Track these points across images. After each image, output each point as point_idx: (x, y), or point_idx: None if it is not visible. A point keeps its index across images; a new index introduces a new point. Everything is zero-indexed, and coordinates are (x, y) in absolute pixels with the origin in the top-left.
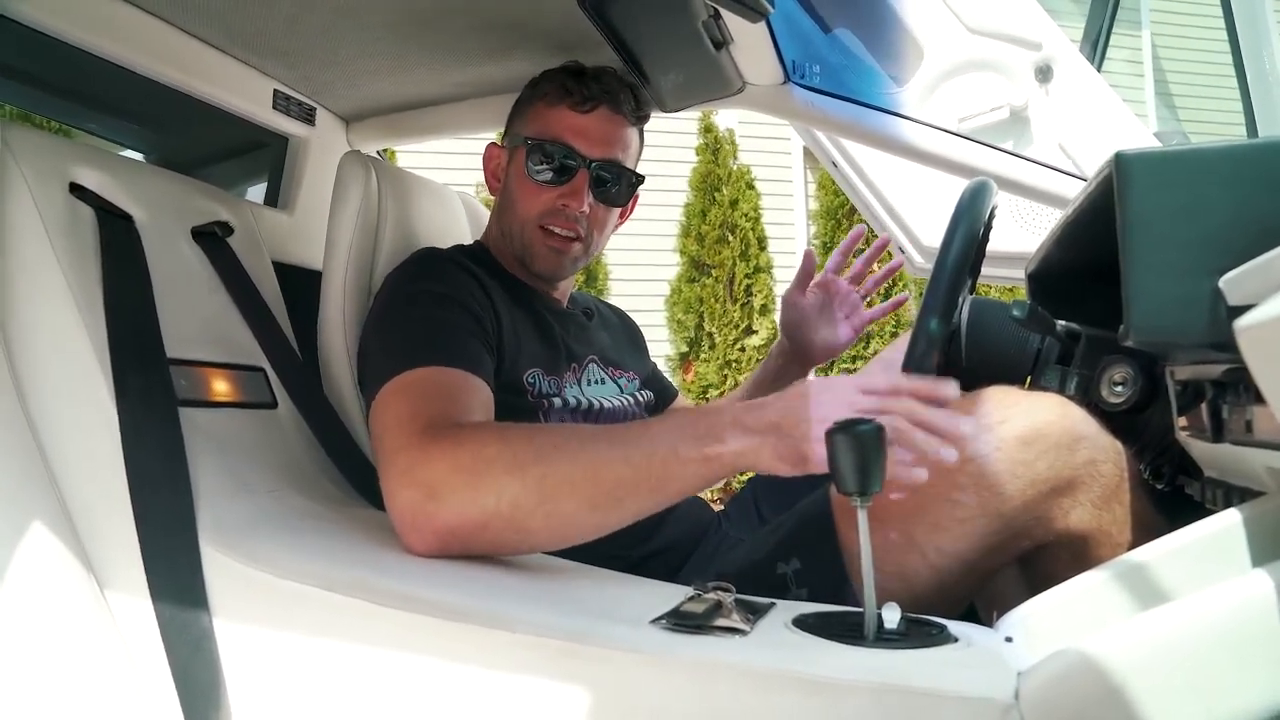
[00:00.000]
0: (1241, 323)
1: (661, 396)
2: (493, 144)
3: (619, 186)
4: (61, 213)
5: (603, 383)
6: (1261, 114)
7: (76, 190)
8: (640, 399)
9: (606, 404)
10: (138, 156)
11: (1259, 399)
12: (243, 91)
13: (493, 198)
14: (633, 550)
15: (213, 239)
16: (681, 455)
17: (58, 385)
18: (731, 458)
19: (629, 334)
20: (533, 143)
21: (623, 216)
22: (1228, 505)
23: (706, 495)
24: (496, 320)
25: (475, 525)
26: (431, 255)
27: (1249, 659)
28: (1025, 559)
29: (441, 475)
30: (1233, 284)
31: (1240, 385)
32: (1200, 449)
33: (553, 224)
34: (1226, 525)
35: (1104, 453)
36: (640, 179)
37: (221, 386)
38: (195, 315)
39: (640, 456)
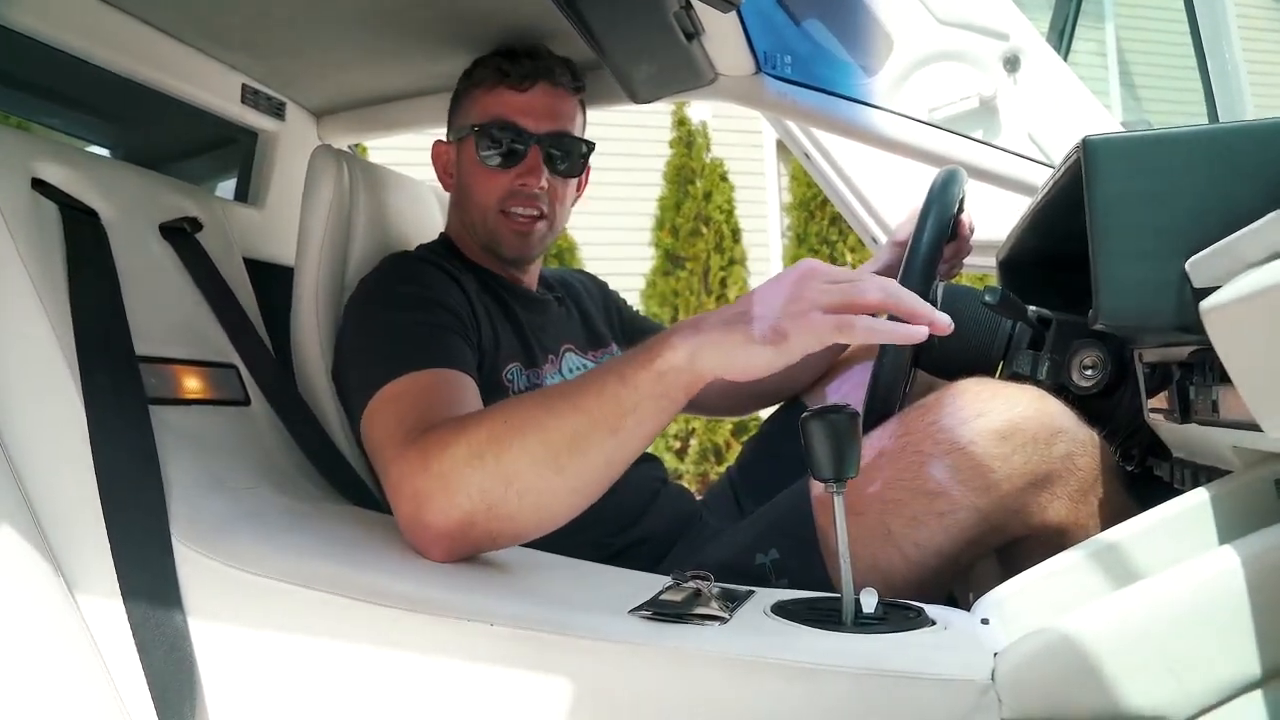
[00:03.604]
0: (1207, 305)
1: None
2: (438, 141)
3: (571, 158)
4: (24, 208)
5: (585, 369)
6: (1222, 102)
7: (39, 185)
8: None
9: None
10: (103, 152)
11: (1225, 379)
12: (210, 86)
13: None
14: (615, 539)
15: (182, 235)
16: (629, 378)
17: (23, 384)
18: (686, 361)
19: (605, 301)
20: (479, 129)
21: (579, 188)
22: (1195, 485)
23: (691, 488)
24: (474, 313)
25: (463, 524)
26: (400, 259)
27: (1218, 633)
28: (1002, 550)
29: (420, 483)
30: (1198, 267)
31: (1206, 366)
32: (1168, 430)
33: (514, 205)
34: (1194, 504)
35: (1081, 446)
36: (591, 146)
37: (193, 384)
38: (165, 312)
39: (589, 398)
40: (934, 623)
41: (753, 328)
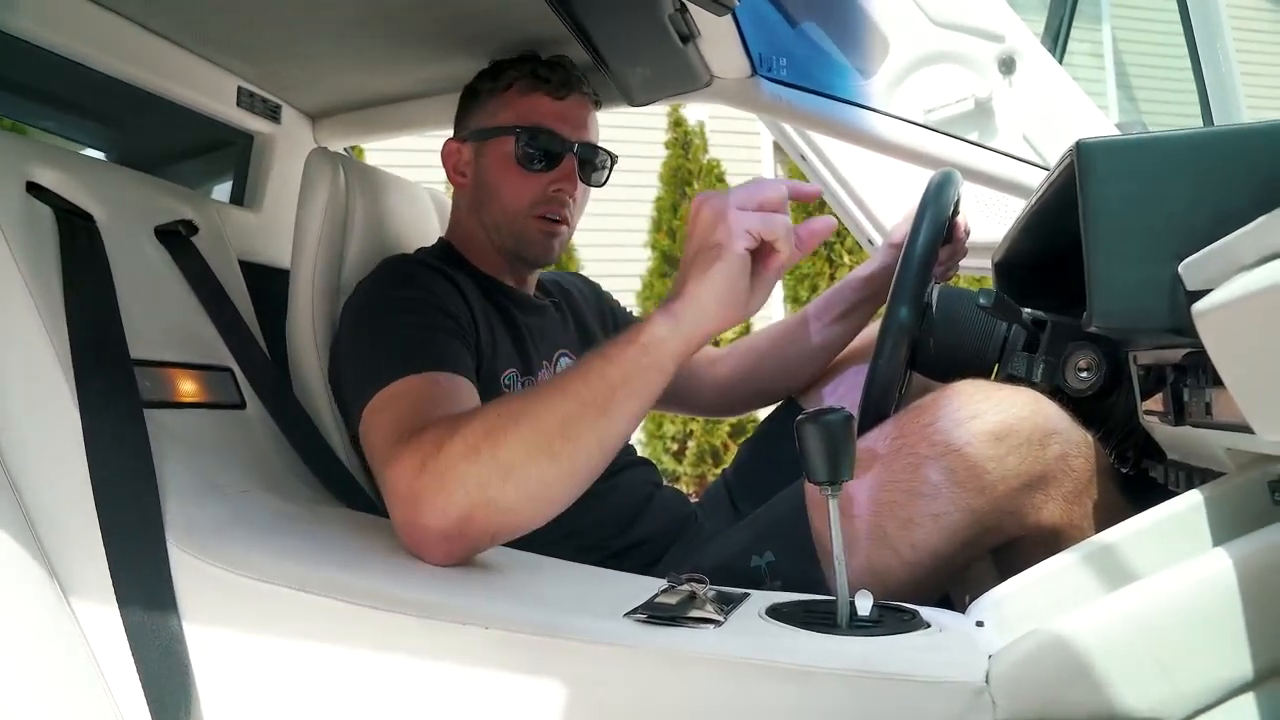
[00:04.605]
0: (1199, 307)
1: None
2: (451, 140)
3: (600, 168)
4: (18, 212)
5: None
6: (1217, 104)
7: (34, 189)
8: None
9: None
10: (98, 155)
11: (1217, 382)
12: (206, 89)
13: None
14: (611, 542)
15: (177, 238)
16: (614, 357)
17: (17, 388)
18: (670, 330)
19: (599, 304)
20: (519, 131)
21: None
22: (1189, 487)
23: (685, 489)
24: (473, 320)
25: (460, 521)
26: (398, 262)
27: (1211, 634)
28: (997, 552)
29: (417, 484)
30: (1191, 269)
31: (1200, 368)
32: (1162, 432)
33: (546, 211)
34: (1188, 506)
35: (1076, 447)
36: (615, 158)
37: (188, 387)
38: (160, 315)
39: (575, 382)
40: (929, 625)
41: (699, 264)
